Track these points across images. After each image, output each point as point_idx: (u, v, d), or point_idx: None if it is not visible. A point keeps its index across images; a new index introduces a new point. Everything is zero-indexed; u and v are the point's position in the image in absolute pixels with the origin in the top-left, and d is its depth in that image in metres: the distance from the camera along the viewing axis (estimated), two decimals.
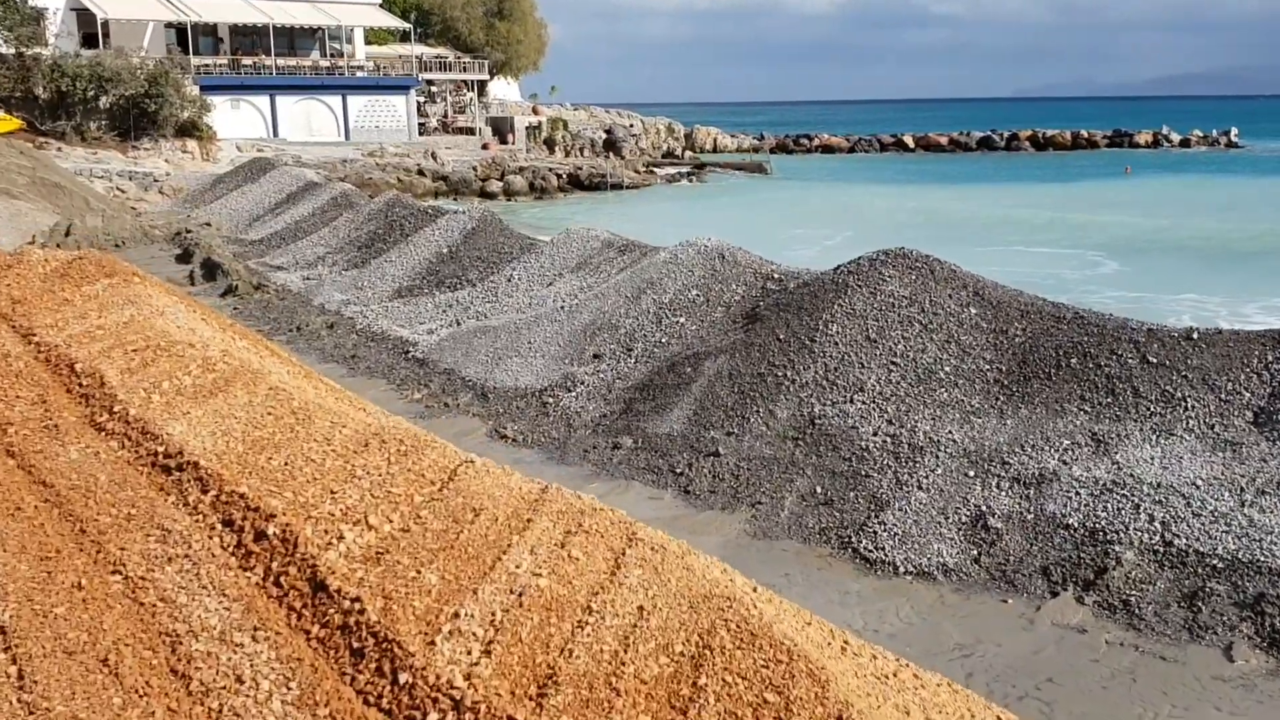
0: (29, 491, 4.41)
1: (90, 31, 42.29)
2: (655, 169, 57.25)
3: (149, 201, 34.01)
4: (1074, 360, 8.88)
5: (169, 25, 44.72)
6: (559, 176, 48.49)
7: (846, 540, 7.71)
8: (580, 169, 50.85)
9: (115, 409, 5.29)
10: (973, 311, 9.61)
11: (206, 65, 44.61)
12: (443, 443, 4.67)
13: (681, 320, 11.51)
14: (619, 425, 10.09)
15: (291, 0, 47.75)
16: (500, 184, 45.36)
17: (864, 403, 9.08)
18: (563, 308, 12.62)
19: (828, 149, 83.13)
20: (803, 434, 9.02)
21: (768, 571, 7.34)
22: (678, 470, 9.06)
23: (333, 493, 4.11)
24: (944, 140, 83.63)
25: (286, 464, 4.45)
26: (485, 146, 51.52)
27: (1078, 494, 7.62)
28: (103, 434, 5.05)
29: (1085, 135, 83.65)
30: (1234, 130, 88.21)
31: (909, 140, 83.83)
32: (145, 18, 43.19)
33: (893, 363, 9.35)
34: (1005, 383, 8.94)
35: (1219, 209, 40.31)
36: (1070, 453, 8.03)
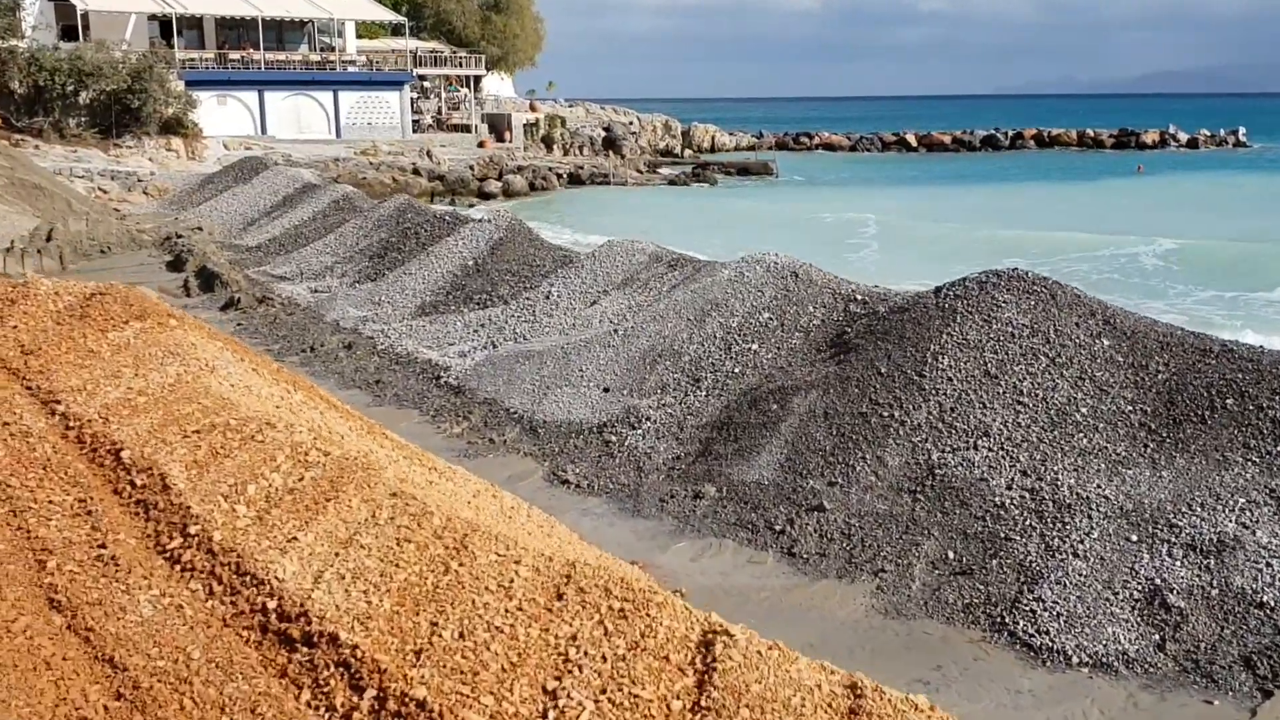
0: (91, 678, 3.19)
1: (69, 23, 40.91)
2: (656, 168, 56.22)
3: (132, 203, 32.75)
4: (1229, 401, 7.90)
5: (152, 17, 43.37)
6: (559, 176, 47.42)
7: (999, 621, 6.70)
8: (581, 168, 49.78)
9: (191, 529, 4.06)
10: (1105, 343, 8.62)
11: (191, 59, 43.29)
12: (666, 596, 3.51)
13: (754, 347, 10.49)
14: (698, 470, 9.06)
15: None
16: (499, 184, 44.22)
17: (990, 450, 8.07)
18: (615, 330, 11.57)
19: (829, 147, 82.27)
20: (921, 486, 8.00)
21: (915, 662, 6.34)
22: (776, 527, 8.04)
23: (551, 695, 2.91)
24: (947, 139, 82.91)
25: (462, 635, 3.24)
26: (482, 144, 50.34)
27: (1269, 565, 6.64)
28: (179, 570, 3.83)
29: (1091, 134, 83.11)
30: (1242, 130, 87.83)
31: (911, 139, 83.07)
32: (127, 9, 41.84)
33: (1019, 402, 8.35)
34: (1153, 427, 7.95)
35: (1261, 208, 39.69)
36: (1248, 513, 7.05)
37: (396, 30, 54.43)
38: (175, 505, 4.29)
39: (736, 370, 10.21)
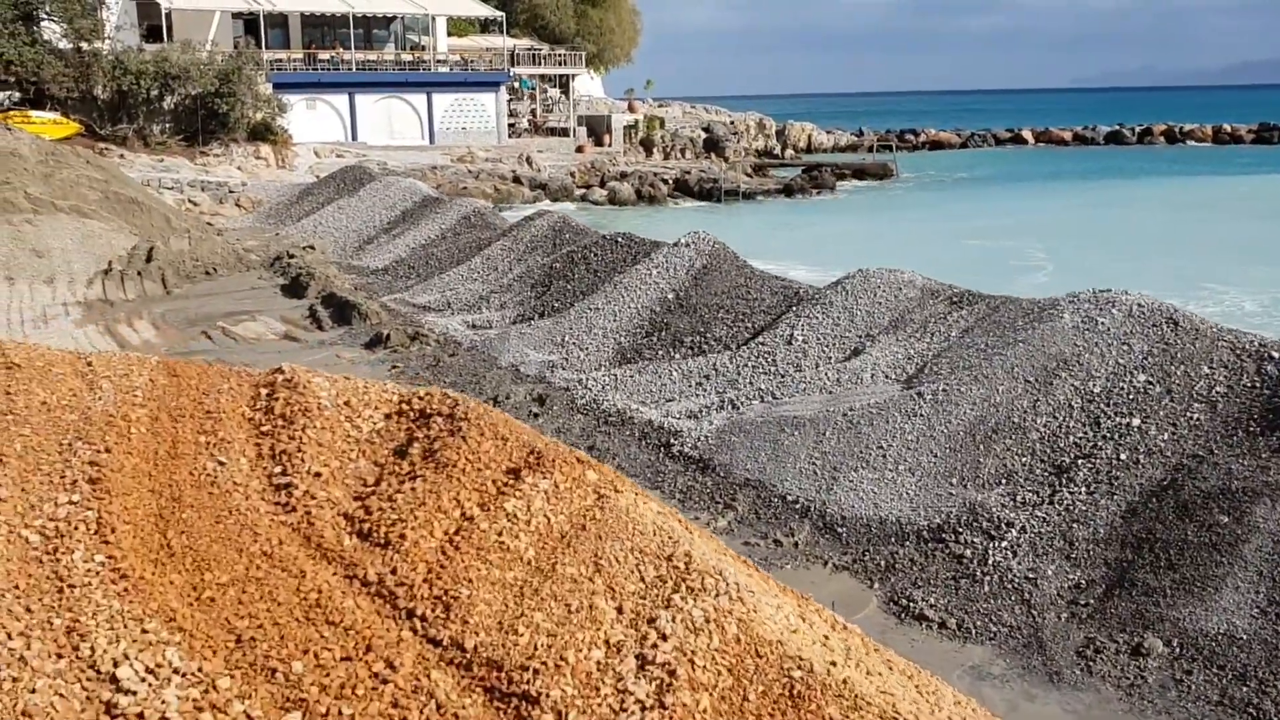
0: None
1: (153, 24, 39.93)
2: (762, 171, 53.85)
3: (224, 215, 31.44)
4: None
5: (236, 15, 42.32)
6: (665, 182, 45.36)
7: None
8: (689, 173, 47.67)
9: None
10: None
11: (279, 60, 42.10)
12: None
13: (1135, 423, 8.18)
14: (1121, 610, 6.78)
15: None
16: (603, 191, 42.39)
17: None
18: (921, 394, 9.34)
19: (936, 144, 79.16)
20: None
21: None
22: None
23: None
24: (1067, 135, 79.56)
25: None
26: (580, 149, 48.53)
27: None
28: None
29: (1228, 129, 79.06)
30: None
31: (1028, 135, 79.79)
32: (212, 7, 40.80)
33: None
34: None
35: None
36: None
37: (485, 27, 52.94)
38: None
39: (1123, 457, 7.91)
